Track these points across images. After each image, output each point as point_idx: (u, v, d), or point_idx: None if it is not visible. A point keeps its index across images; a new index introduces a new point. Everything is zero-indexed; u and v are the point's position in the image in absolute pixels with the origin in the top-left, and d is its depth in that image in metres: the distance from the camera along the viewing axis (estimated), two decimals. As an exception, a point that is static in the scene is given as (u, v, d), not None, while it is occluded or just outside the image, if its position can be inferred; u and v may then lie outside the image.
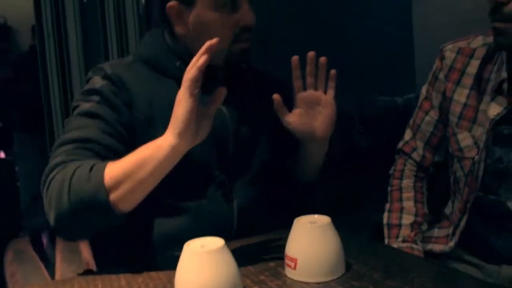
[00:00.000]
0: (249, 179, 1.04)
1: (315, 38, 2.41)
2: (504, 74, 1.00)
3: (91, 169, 0.83)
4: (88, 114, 0.94)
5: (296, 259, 0.76)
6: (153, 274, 0.83)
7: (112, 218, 0.84)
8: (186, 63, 0.98)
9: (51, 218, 0.85)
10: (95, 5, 2.20)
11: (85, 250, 1.16)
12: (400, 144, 1.27)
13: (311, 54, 0.98)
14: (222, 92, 0.86)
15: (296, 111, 1.00)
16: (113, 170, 0.83)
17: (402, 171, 1.24)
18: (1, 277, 1.29)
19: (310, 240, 0.76)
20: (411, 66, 2.77)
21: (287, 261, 0.78)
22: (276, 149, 1.12)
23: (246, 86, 1.09)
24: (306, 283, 0.75)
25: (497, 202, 1.02)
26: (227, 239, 0.98)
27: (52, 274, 1.25)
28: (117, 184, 0.82)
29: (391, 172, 1.27)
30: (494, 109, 1.01)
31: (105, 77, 0.98)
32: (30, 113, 2.77)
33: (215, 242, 0.71)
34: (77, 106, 0.97)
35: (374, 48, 2.62)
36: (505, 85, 1.00)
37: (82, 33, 2.21)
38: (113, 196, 0.82)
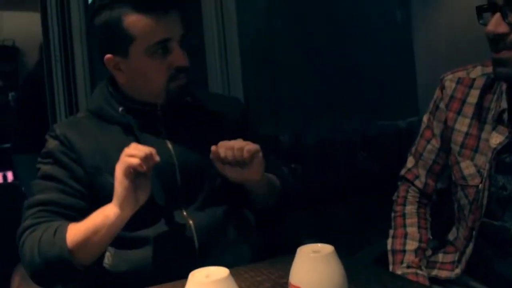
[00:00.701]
0: (202, 203, 1.10)
1: (318, 65, 2.45)
2: (504, 104, 1.01)
3: (54, 233, 0.95)
4: (45, 177, 1.06)
5: (299, 286, 0.77)
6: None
7: (78, 271, 0.96)
8: (128, 108, 1.11)
9: (27, 273, 1.01)
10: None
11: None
12: (403, 171, 1.28)
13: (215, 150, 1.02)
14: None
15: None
16: (72, 234, 0.95)
17: (405, 197, 1.25)
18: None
19: (314, 269, 0.77)
20: (413, 89, 2.79)
21: (290, 290, 0.79)
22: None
23: (192, 119, 1.15)
24: (310, 312, 0.76)
25: (503, 228, 1.03)
26: (192, 259, 1.02)
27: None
28: (78, 246, 0.94)
29: (394, 198, 1.28)
30: (496, 139, 1.02)
31: (55, 137, 1.09)
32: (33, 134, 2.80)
33: (220, 272, 0.71)
34: (39, 169, 1.08)
35: (376, 73, 2.64)
36: (505, 116, 1.01)
37: (88, 55, 2.25)
38: (75, 256, 0.94)
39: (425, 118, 1.23)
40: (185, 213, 1.07)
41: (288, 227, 1.23)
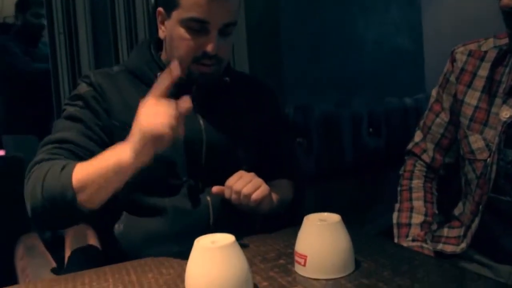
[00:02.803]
0: (222, 183, 1.05)
1: (325, 41, 2.42)
2: None
3: (62, 168, 0.90)
4: (71, 118, 1.02)
5: (306, 256, 0.76)
6: (162, 269, 0.84)
7: (81, 214, 0.90)
8: None
9: (28, 209, 0.93)
10: (105, 2, 2.22)
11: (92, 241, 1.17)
12: (410, 146, 1.27)
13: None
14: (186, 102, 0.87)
15: None
16: (80, 172, 0.89)
17: (412, 171, 1.24)
18: (12, 271, 1.31)
19: (320, 238, 0.76)
20: (421, 67, 2.76)
21: (296, 258, 0.78)
22: (254, 161, 1.14)
23: (227, 99, 1.13)
24: (316, 279, 0.75)
25: (510, 203, 1.02)
26: (206, 233, 1.02)
27: (61, 266, 1.26)
28: (83, 186, 0.88)
29: (401, 172, 1.27)
30: (506, 112, 1.00)
31: (89, 84, 1.05)
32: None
33: (226, 238, 0.71)
34: (64, 110, 1.05)
35: (383, 49, 2.62)
36: None
37: (92, 27, 2.22)
38: (80, 196, 0.88)
39: (434, 92, 1.21)
40: (204, 189, 1.05)
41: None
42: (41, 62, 2.86)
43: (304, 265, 0.76)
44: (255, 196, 0.97)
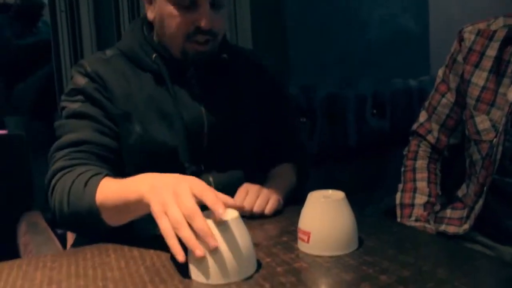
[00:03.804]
0: (224, 165, 1.05)
1: (330, 20, 2.39)
2: None
3: (85, 185, 0.86)
4: (77, 115, 0.97)
5: (309, 233, 0.76)
6: (165, 246, 0.83)
7: (108, 228, 0.87)
8: (161, 56, 1.02)
9: (57, 220, 0.92)
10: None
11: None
12: (415, 126, 1.26)
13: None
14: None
15: None
16: (103, 193, 0.85)
17: (416, 152, 1.23)
18: (15, 248, 1.31)
19: (324, 214, 0.76)
20: (426, 48, 2.73)
21: (300, 234, 0.78)
22: (256, 144, 1.13)
23: (227, 78, 1.09)
24: (319, 256, 0.75)
25: None
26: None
27: (64, 245, 1.27)
28: (107, 209, 0.84)
29: (405, 153, 1.26)
30: None
31: (86, 74, 1.00)
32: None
33: (230, 214, 0.70)
34: (64, 108, 1.00)
35: (389, 30, 2.58)
36: None
37: (94, 8, 2.20)
38: (104, 215, 0.85)
39: (440, 72, 1.20)
40: (206, 172, 1.03)
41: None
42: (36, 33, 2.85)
43: (308, 241, 0.76)
44: (267, 212, 0.95)
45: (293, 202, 1.03)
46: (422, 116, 1.24)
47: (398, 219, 1.16)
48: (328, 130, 2.15)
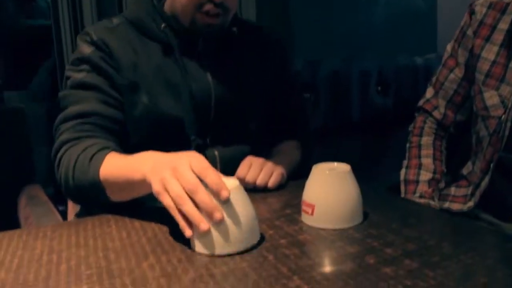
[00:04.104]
0: (230, 138, 1.04)
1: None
2: None
3: (90, 160, 0.85)
4: (82, 85, 0.95)
5: (313, 205, 0.74)
6: (168, 218, 0.82)
7: (112, 202, 0.86)
8: (171, 26, 1.00)
9: (63, 191, 0.92)
10: None
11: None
12: (421, 102, 1.24)
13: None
14: None
15: None
16: (107, 170, 0.83)
17: (422, 128, 1.21)
18: (16, 221, 1.31)
19: (329, 186, 0.74)
20: (433, 26, 2.69)
21: (304, 207, 0.77)
22: (262, 118, 1.11)
23: (236, 52, 1.07)
24: (323, 229, 0.74)
25: None
26: None
27: (64, 218, 1.26)
28: (111, 186, 0.83)
29: (410, 129, 1.24)
30: None
31: (92, 43, 0.98)
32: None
33: (230, 183, 0.69)
34: (69, 77, 0.98)
35: (396, 6, 2.54)
36: None
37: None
38: (108, 192, 0.84)
39: (449, 47, 1.17)
40: (212, 145, 1.02)
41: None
42: (39, 17, 2.82)
43: (312, 214, 0.75)
44: (271, 185, 0.94)
45: (296, 178, 1.02)
46: (429, 92, 1.22)
47: (402, 195, 1.15)
48: (332, 105, 2.13)
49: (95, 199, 0.87)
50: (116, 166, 0.83)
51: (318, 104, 2.10)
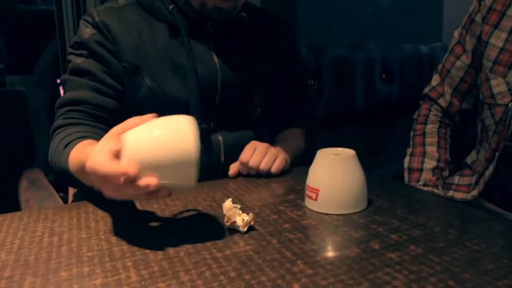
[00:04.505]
0: (235, 124, 1.03)
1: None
2: None
3: (65, 147, 0.85)
4: (79, 72, 0.96)
5: (317, 190, 0.74)
6: (169, 201, 0.82)
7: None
8: (179, 8, 0.98)
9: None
10: None
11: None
12: (426, 90, 1.22)
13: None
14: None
15: None
16: (70, 161, 0.81)
17: (427, 116, 1.20)
18: (17, 204, 1.30)
19: (333, 171, 0.73)
20: (439, 15, 2.66)
21: (308, 192, 0.76)
22: (268, 104, 1.10)
23: (243, 37, 1.06)
24: (327, 214, 0.73)
25: None
26: (215, 171, 0.99)
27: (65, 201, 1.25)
28: (77, 175, 0.79)
29: (415, 117, 1.23)
30: None
31: (93, 24, 0.97)
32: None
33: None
34: (69, 61, 0.98)
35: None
36: None
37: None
38: (80, 179, 0.79)
39: (456, 33, 1.15)
40: (216, 129, 1.01)
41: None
42: (42, 2, 2.80)
43: (316, 199, 0.74)
44: (274, 170, 0.94)
45: (300, 165, 1.01)
46: (435, 80, 1.20)
47: (406, 183, 1.14)
48: (336, 92, 2.11)
49: (78, 184, 0.83)
50: (75, 156, 0.80)
51: (322, 91, 2.08)
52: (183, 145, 0.60)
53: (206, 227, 0.70)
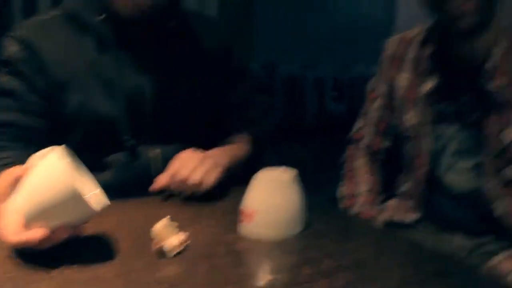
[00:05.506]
0: (168, 138, 0.99)
1: (297, 6, 2.35)
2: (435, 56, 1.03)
3: None
4: (4, 93, 0.93)
5: (254, 212, 0.72)
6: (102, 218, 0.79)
7: None
8: (110, 18, 0.94)
9: None
10: None
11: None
12: (351, 133, 1.27)
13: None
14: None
15: None
16: None
17: (354, 155, 1.24)
18: None
19: (268, 195, 0.72)
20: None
21: (241, 216, 0.74)
22: (207, 114, 1.07)
23: (175, 47, 1.02)
24: (262, 239, 0.72)
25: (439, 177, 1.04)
26: (149, 184, 0.91)
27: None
28: None
29: (342, 160, 1.27)
30: (428, 85, 1.04)
31: (17, 41, 0.94)
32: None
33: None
34: None
35: (355, 15, 2.58)
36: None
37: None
38: None
39: (371, 83, 1.23)
40: (153, 144, 0.98)
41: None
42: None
43: (251, 222, 0.73)
44: (205, 186, 0.86)
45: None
46: (359, 123, 1.26)
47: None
48: (287, 109, 2.13)
49: None
50: None
51: (273, 106, 2.10)
52: (59, 186, 0.60)
53: (135, 249, 0.68)
